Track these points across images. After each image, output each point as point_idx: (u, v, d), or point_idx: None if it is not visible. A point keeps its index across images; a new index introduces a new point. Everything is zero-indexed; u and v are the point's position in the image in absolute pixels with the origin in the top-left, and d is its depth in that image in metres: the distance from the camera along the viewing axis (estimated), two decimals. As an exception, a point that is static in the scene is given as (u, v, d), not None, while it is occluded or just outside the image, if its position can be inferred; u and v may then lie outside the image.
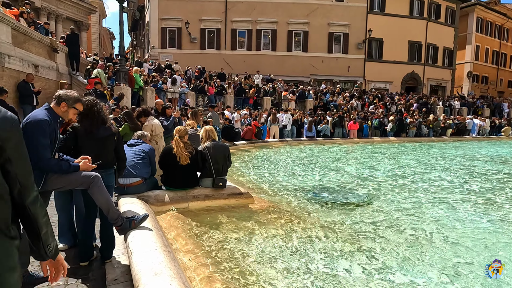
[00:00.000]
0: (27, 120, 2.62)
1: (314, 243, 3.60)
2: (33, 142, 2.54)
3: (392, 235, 3.92)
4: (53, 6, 24.58)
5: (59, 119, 2.80)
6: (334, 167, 9.04)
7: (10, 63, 9.18)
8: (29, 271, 2.88)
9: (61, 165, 2.69)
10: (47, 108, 2.74)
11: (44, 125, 2.58)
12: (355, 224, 4.28)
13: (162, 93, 14.24)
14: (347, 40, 28.52)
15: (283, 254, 3.34)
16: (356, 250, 3.50)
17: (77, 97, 2.87)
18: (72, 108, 2.80)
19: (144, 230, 2.88)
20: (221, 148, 4.61)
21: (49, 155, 2.61)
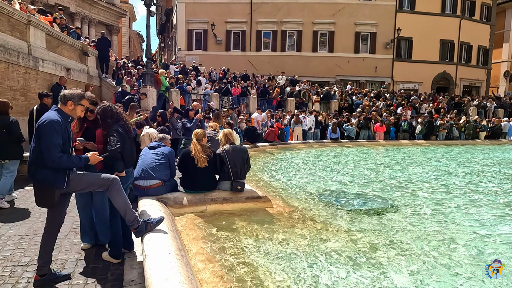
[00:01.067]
0: (41, 121, 2.76)
1: (333, 251, 3.51)
2: (47, 141, 2.69)
3: (413, 244, 3.76)
4: (86, 11, 25.66)
5: (69, 118, 2.91)
6: (357, 171, 8.81)
7: (44, 67, 9.65)
8: (52, 269, 3.01)
9: (72, 160, 2.81)
10: (57, 109, 2.87)
11: (56, 125, 2.72)
12: (377, 231, 4.14)
13: (187, 94, 14.47)
14: (374, 39, 27.84)
15: (300, 261, 3.28)
16: (377, 258, 3.38)
17: (81, 94, 2.97)
18: (78, 105, 2.92)
19: (160, 233, 2.92)
20: (240, 151, 4.61)
21: (60, 153, 2.72)
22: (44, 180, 2.76)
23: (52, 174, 2.76)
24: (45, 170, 2.75)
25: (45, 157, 2.71)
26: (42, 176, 2.76)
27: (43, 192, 2.80)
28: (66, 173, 2.84)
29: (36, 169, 2.78)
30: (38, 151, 2.76)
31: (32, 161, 2.81)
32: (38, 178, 2.78)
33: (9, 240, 3.79)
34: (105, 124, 3.30)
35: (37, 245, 3.69)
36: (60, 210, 3.02)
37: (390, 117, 17.26)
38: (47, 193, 2.79)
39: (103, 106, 3.34)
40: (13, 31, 8.47)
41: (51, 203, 2.84)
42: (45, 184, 2.77)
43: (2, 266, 3.21)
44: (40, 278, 2.89)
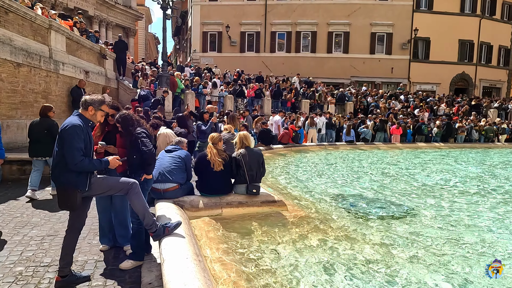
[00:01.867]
0: (63, 126, 2.85)
1: (349, 258, 3.47)
2: (70, 146, 2.78)
3: (432, 252, 3.68)
4: (104, 14, 26.18)
5: (90, 123, 3.01)
6: (373, 174, 8.69)
7: (64, 70, 9.90)
8: (72, 270, 3.08)
9: (93, 163, 2.91)
10: (78, 114, 2.96)
11: (78, 130, 2.82)
12: (394, 238, 4.07)
13: (202, 96, 14.59)
14: (390, 40, 27.47)
15: (316, 267, 3.26)
16: (395, 265, 3.33)
17: (102, 99, 3.05)
18: (99, 110, 3.01)
19: (177, 237, 2.95)
20: (255, 155, 4.61)
21: (82, 156, 2.81)
22: (67, 183, 2.85)
23: (74, 177, 2.84)
24: (68, 173, 2.83)
25: (68, 161, 2.80)
26: (65, 179, 2.85)
27: (66, 194, 2.88)
28: (88, 176, 2.93)
29: (59, 172, 2.87)
30: (61, 155, 2.85)
31: (55, 165, 2.90)
32: (61, 181, 2.87)
33: (31, 241, 3.91)
34: (127, 132, 3.38)
35: (58, 245, 3.79)
36: (81, 213, 3.10)
37: (407, 119, 16.96)
38: (70, 196, 2.87)
39: (123, 115, 3.41)
40: (35, 36, 8.73)
41: (73, 206, 2.91)
42: (68, 186, 2.85)
43: (25, 266, 3.30)
44: (61, 279, 2.96)
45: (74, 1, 23.50)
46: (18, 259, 3.44)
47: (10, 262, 3.35)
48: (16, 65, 7.72)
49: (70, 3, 23.11)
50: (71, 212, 3.06)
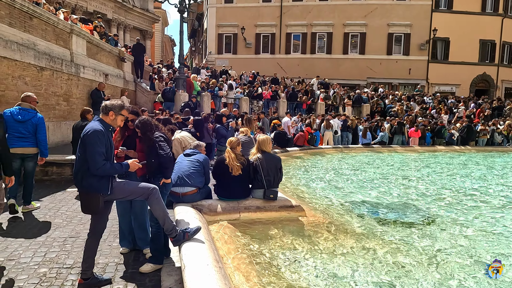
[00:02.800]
0: (86, 131, 2.90)
1: (369, 266, 3.41)
2: (92, 150, 2.83)
3: (455, 262, 3.58)
4: (122, 17, 26.69)
5: (110, 128, 3.04)
6: (393, 178, 8.52)
7: (84, 73, 10.14)
8: (94, 273, 3.13)
9: (115, 167, 2.94)
10: (99, 120, 3.01)
11: (100, 134, 2.86)
12: (414, 245, 3.98)
13: (218, 98, 14.67)
14: (408, 40, 27.00)
15: (336, 274, 3.21)
16: (412, 273, 3.25)
17: (122, 104, 3.10)
18: (119, 115, 3.05)
19: (197, 242, 2.96)
20: (273, 160, 4.59)
21: (104, 161, 2.86)
22: (90, 187, 2.90)
23: (97, 181, 2.89)
24: (91, 178, 2.88)
25: (90, 165, 2.85)
26: (88, 184, 2.90)
27: (89, 198, 2.93)
28: (109, 180, 2.98)
29: (82, 177, 2.92)
30: (83, 160, 2.90)
31: (78, 170, 2.95)
32: (84, 185, 2.92)
33: (54, 242, 4.00)
34: (145, 137, 3.42)
35: (79, 247, 3.87)
36: (103, 217, 3.15)
37: (426, 122, 16.61)
38: (92, 200, 2.92)
39: (142, 120, 3.45)
40: (58, 40, 8.97)
41: (96, 209, 2.96)
42: (90, 191, 2.90)
43: (48, 267, 3.38)
44: (84, 281, 3.02)
45: (93, 5, 24.06)
46: (42, 260, 3.52)
47: (35, 263, 3.44)
48: (40, 68, 7.94)
49: (89, 7, 23.68)
50: (93, 215, 3.12)
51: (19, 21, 7.38)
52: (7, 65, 6.87)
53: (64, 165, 6.72)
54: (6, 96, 6.90)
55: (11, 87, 7.01)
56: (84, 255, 3.11)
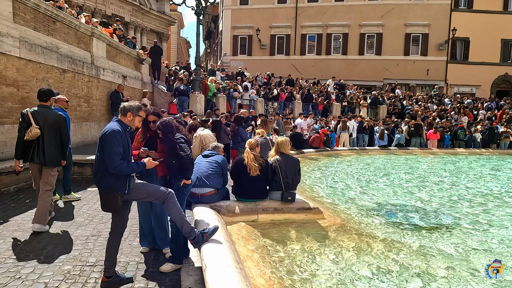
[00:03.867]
0: (104, 131, 2.99)
1: (389, 271, 3.36)
2: (109, 150, 2.90)
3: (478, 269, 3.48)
4: (140, 20, 27.17)
5: (128, 128, 3.11)
6: (412, 181, 8.36)
7: (104, 75, 10.36)
8: (116, 272, 3.20)
9: (131, 166, 3.00)
10: (117, 120, 3.10)
11: (118, 135, 2.94)
12: (435, 251, 3.90)
13: (233, 100, 14.75)
14: (426, 41, 26.50)
15: (355, 278, 3.18)
16: (433, 280, 3.18)
17: (139, 105, 3.18)
18: (137, 116, 3.13)
19: (217, 243, 2.98)
20: (292, 162, 4.59)
21: (121, 160, 2.92)
22: (109, 186, 2.97)
23: (115, 181, 2.96)
24: (109, 177, 2.95)
25: (107, 164, 2.92)
26: (106, 183, 2.97)
27: (108, 197, 3.01)
28: (127, 179, 3.05)
29: (101, 176, 3.00)
30: (102, 160, 2.98)
31: (97, 169, 3.03)
32: (103, 184, 3.00)
33: (77, 240, 4.10)
34: (167, 138, 3.48)
35: (101, 245, 3.95)
36: (123, 216, 3.21)
37: (446, 123, 16.25)
38: (111, 199, 3.00)
39: (163, 122, 3.51)
40: (79, 43, 9.21)
41: (115, 208, 3.04)
42: (109, 189, 2.98)
43: (72, 265, 3.47)
44: (106, 279, 3.09)
45: (111, 8, 24.58)
46: (66, 257, 3.62)
47: (59, 261, 3.53)
48: (62, 71, 8.17)
49: (108, 10, 24.20)
50: (113, 215, 3.20)
51: (43, 25, 7.62)
52: (32, 68, 7.09)
53: (84, 165, 6.88)
54: (31, 98, 7.11)
55: (35, 89, 7.20)
56: (107, 253, 3.18)
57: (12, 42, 6.45)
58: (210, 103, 13.72)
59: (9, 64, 6.43)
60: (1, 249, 3.76)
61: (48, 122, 4.31)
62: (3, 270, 3.29)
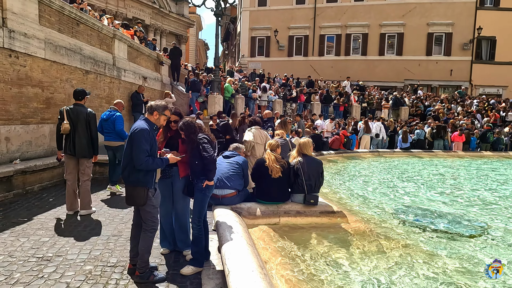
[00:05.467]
0: (133, 129, 3.10)
1: (417, 281, 3.18)
2: (137, 147, 3.01)
3: None
4: (159, 22, 27.58)
5: (154, 127, 3.22)
6: (439, 185, 8.03)
7: (125, 76, 10.49)
8: (152, 270, 3.24)
9: (156, 162, 3.13)
10: (144, 119, 3.21)
11: (145, 133, 3.06)
12: (466, 259, 3.68)
13: (251, 101, 14.67)
14: (450, 40, 25.71)
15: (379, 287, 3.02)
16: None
17: (165, 105, 3.29)
18: (162, 115, 3.25)
19: (240, 247, 2.88)
20: (315, 164, 4.44)
21: (147, 157, 3.04)
22: (137, 181, 3.09)
23: (143, 176, 3.09)
24: (137, 173, 3.08)
25: (134, 161, 3.04)
26: (135, 178, 3.10)
27: (135, 192, 3.11)
28: (153, 176, 3.19)
29: (129, 173, 3.11)
30: (130, 157, 3.08)
31: (126, 165, 3.15)
32: (131, 180, 3.12)
33: (99, 240, 4.10)
34: (189, 139, 3.43)
35: (122, 246, 3.94)
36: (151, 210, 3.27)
37: (469, 125, 15.65)
38: (138, 193, 3.10)
39: (186, 122, 3.46)
40: (102, 45, 9.35)
41: (142, 202, 3.13)
42: (137, 185, 3.09)
43: (94, 265, 3.45)
44: (133, 266, 3.27)
45: (132, 12, 25.05)
46: (87, 257, 3.61)
47: (81, 261, 3.53)
48: (85, 72, 8.30)
49: (129, 13, 24.68)
50: (137, 208, 3.29)
51: (67, 27, 7.76)
52: (56, 69, 7.23)
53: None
54: (55, 98, 7.26)
55: (59, 90, 7.37)
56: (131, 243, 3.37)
57: (38, 44, 6.59)
58: (228, 104, 13.69)
59: (35, 65, 6.57)
60: (25, 247, 3.79)
61: (80, 118, 4.88)
62: (27, 269, 3.30)
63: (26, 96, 6.39)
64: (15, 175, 5.64)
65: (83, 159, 4.98)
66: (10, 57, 5.95)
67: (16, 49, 6.04)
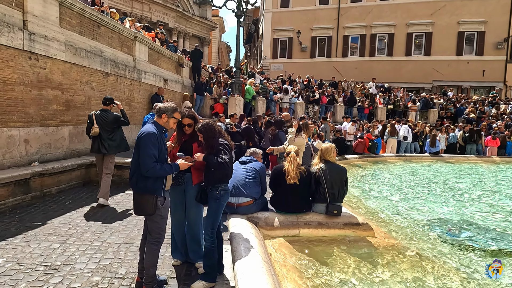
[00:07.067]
0: (141, 134, 2.91)
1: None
2: (143, 152, 2.82)
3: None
4: (183, 26, 27.86)
5: (163, 130, 3.01)
6: (475, 195, 7.43)
7: (146, 78, 10.48)
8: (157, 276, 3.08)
9: (164, 168, 2.89)
10: (153, 122, 3.02)
11: (153, 137, 2.85)
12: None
13: (273, 103, 14.39)
14: (482, 39, 24.48)
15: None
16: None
17: (175, 107, 3.07)
18: (171, 117, 3.02)
19: (254, 264, 2.60)
20: (338, 171, 4.10)
21: (154, 163, 2.82)
22: (145, 189, 2.89)
23: (151, 183, 2.88)
24: (146, 180, 2.87)
25: (141, 167, 2.84)
26: (143, 185, 2.90)
27: (143, 199, 2.91)
28: (163, 183, 2.95)
29: (137, 179, 2.92)
30: (138, 162, 2.89)
31: (134, 172, 2.95)
32: (139, 187, 2.92)
33: (109, 248, 3.93)
34: (207, 143, 3.20)
35: (133, 255, 3.75)
36: (159, 220, 3.06)
37: (501, 128, 14.66)
38: (146, 201, 2.90)
39: (206, 125, 3.23)
40: (122, 47, 9.36)
41: (150, 211, 2.92)
42: (145, 192, 2.89)
43: (101, 276, 3.27)
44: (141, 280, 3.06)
45: (156, 15, 25.43)
46: (95, 267, 3.44)
47: (89, 271, 3.36)
48: (105, 74, 8.30)
49: (153, 17, 25.07)
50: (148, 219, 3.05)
51: (88, 29, 7.78)
52: (76, 71, 7.23)
53: (123, 167, 6.86)
54: (75, 101, 7.26)
55: (79, 92, 7.38)
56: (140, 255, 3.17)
57: (58, 46, 6.59)
58: (249, 106, 13.47)
59: (55, 68, 6.58)
60: (34, 254, 3.68)
61: (107, 122, 5.64)
62: (33, 278, 3.17)
63: (46, 99, 6.40)
64: (33, 178, 5.62)
65: (107, 156, 5.69)
66: (30, 60, 5.96)
67: (36, 52, 6.05)
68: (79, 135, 7.48)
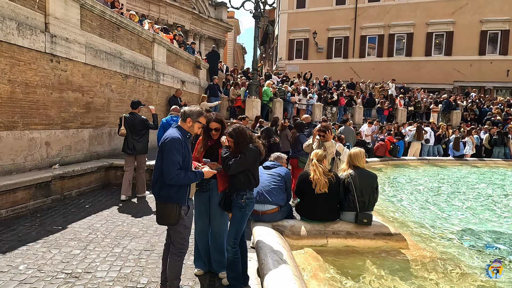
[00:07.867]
0: (164, 139, 2.77)
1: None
2: (167, 159, 2.68)
3: None
4: (199, 28, 27.94)
5: (188, 135, 2.87)
6: (506, 201, 7.02)
7: (164, 80, 10.45)
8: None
9: (189, 176, 2.76)
10: (177, 127, 2.88)
11: (177, 143, 2.72)
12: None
13: (290, 105, 14.18)
14: (507, 38, 23.60)
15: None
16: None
17: (200, 111, 2.93)
18: (196, 122, 2.89)
19: (284, 278, 2.42)
20: (369, 177, 3.88)
21: (178, 170, 2.69)
22: (168, 197, 2.75)
23: (175, 192, 2.75)
24: (169, 188, 2.73)
25: (164, 174, 2.69)
26: (166, 194, 2.76)
27: (166, 209, 2.76)
28: (187, 191, 2.83)
29: (160, 187, 2.78)
30: (161, 169, 2.74)
31: (156, 179, 2.81)
32: (162, 195, 2.78)
33: (130, 255, 3.83)
34: (237, 148, 3.06)
35: (154, 263, 3.64)
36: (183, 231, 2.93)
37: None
38: (169, 210, 2.75)
39: (237, 129, 3.08)
40: (141, 49, 9.35)
41: (173, 221, 2.78)
42: (168, 201, 2.75)
43: (123, 285, 3.16)
44: None
45: (173, 18, 25.58)
46: (116, 275, 3.34)
47: (110, 279, 3.25)
48: (124, 76, 8.29)
49: (170, 19, 25.23)
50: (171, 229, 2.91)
51: (108, 31, 7.78)
52: (96, 73, 7.23)
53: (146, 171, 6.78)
54: (94, 103, 7.25)
55: (99, 94, 7.37)
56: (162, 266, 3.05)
57: (79, 48, 6.59)
58: (266, 108, 13.29)
59: (75, 70, 6.57)
60: (55, 260, 3.60)
61: (134, 124, 6.11)
62: (54, 287, 3.07)
63: (67, 101, 6.39)
64: (54, 180, 5.60)
65: (139, 156, 6.23)
66: (52, 62, 5.96)
67: (58, 54, 6.05)
68: (99, 137, 7.47)
